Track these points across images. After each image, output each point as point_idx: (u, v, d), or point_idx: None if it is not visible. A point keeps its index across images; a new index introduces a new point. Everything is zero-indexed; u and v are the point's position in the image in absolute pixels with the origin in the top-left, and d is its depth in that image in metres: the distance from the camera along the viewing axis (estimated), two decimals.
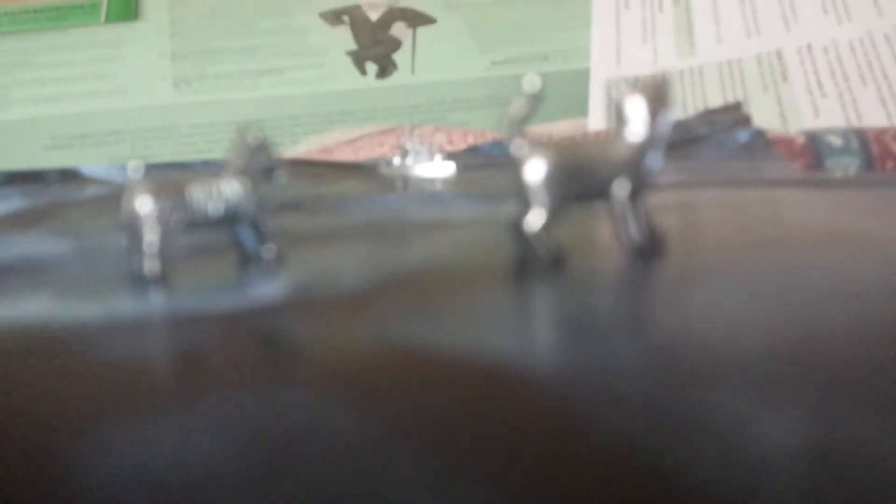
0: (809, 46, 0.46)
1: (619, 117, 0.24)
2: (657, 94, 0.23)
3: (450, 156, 0.46)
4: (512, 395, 0.15)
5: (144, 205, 0.23)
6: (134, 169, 0.23)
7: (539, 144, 0.23)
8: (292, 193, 0.35)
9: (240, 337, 0.19)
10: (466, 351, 0.17)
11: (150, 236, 0.23)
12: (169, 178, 0.24)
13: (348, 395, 0.15)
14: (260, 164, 0.25)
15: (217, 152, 0.53)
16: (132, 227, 0.23)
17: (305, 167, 0.44)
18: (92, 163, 0.51)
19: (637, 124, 0.23)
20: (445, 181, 0.42)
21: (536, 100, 0.23)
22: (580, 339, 0.18)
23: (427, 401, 0.15)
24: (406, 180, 0.43)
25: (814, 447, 0.12)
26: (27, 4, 0.60)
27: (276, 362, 0.18)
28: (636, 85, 0.23)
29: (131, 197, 0.23)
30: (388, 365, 0.17)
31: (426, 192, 0.39)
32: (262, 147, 0.25)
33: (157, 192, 0.23)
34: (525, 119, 0.23)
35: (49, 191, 0.39)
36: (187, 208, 0.24)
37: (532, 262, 0.23)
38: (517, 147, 0.23)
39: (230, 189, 0.24)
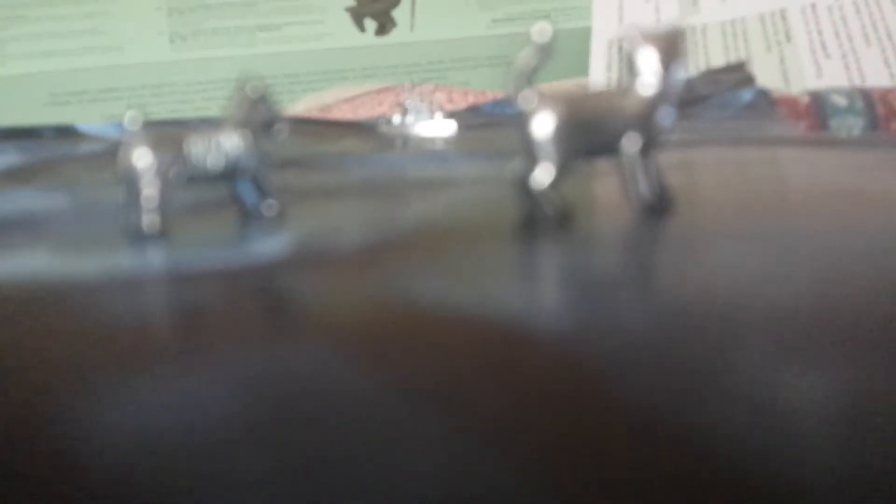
0: (813, 6, 0.46)
1: (629, 69, 0.23)
2: (670, 45, 0.23)
3: (450, 115, 0.45)
4: (522, 351, 0.15)
5: (142, 158, 0.23)
6: (131, 121, 0.23)
7: (547, 98, 0.23)
8: (292, 151, 0.35)
9: (243, 293, 0.19)
10: (474, 307, 0.17)
11: (149, 190, 0.23)
12: (166, 131, 0.24)
13: (354, 351, 0.15)
14: (260, 117, 0.25)
15: (214, 109, 0.53)
16: (130, 182, 0.23)
17: (305, 125, 0.44)
18: (89, 119, 0.50)
19: (649, 76, 0.23)
20: (446, 140, 0.42)
21: (546, 51, 0.23)
22: (592, 296, 0.17)
23: (434, 357, 0.14)
24: (406, 139, 0.43)
25: (829, 401, 0.12)
26: None
27: (281, 318, 0.17)
28: (650, 34, 0.23)
29: (129, 150, 0.23)
30: (395, 320, 0.16)
31: (428, 151, 0.39)
32: (262, 100, 0.25)
33: (156, 146, 0.23)
34: (533, 71, 0.23)
35: (45, 147, 0.38)
36: (186, 162, 0.23)
37: (539, 219, 0.23)
38: (525, 100, 0.23)
39: (230, 143, 0.24)
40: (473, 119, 0.46)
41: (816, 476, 0.10)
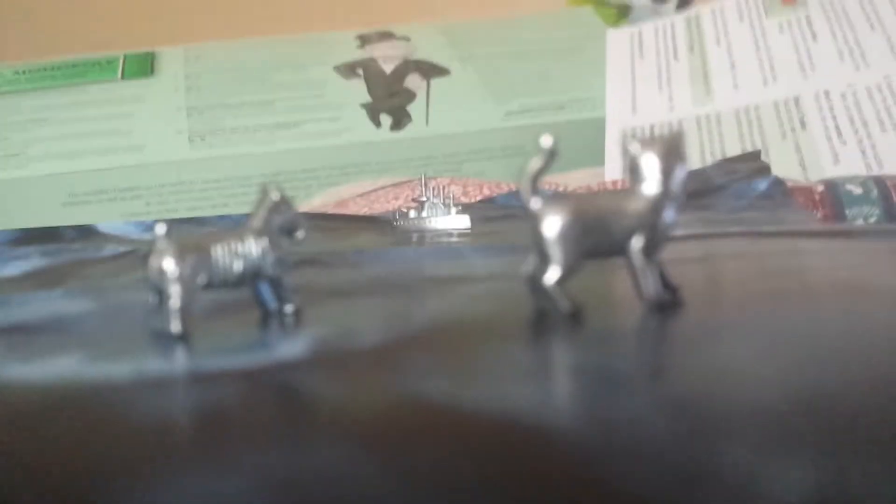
0: (827, 93, 0.46)
1: (633, 173, 0.23)
2: (671, 148, 0.23)
3: (465, 207, 0.46)
4: (532, 447, 0.15)
5: (170, 265, 0.23)
6: (159, 229, 0.23)
7: (555, 200, 0.23)
8: (309, 247, 0.35)
9: (266, 392, 0.19)
10: (488, 404, 0.17)
11: (176, 295, 0.23)
12: (192, 237, 0.24)
13: (372, 447, 0.15)
14: (281, 221, 0.25)
15: (232, 206, 0.54)
16: (158, 287, 0.23)
17: (322, 220, 0.45)
18: (108, 218, 0.51)
19: (652, 180, 0.23)
20: (462, 233, 0.42)
21: (552, 155, 0.23)
22: (599, 393, 0.17)
23: (450, 453, 0.14)
24: (422, 233, 0.43)
25: (828, 499, 0.12)
26: (46, 62, 0.61)
27: (302, 416, 0.18)
28: (650, 140, 0.23)
29: (157, 257, 0.23)
30: (411, 417, 0.16)
31: (443, 246, 0.39)
32: (283, 204, 0.25)
33: (183, 253, 0.23)
34: (541, 174, 0.23)
35: (68, 249, 0.39)
36: (211, 268, 0.24)
37: (550, 317, 0.23)
38: (534, 203, 0.23)
39: (252, 248, 0.24)
40: (488, 211, 0.46)
41: None
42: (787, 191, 0.39)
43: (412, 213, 0.45)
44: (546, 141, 0.23)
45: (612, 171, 0.51)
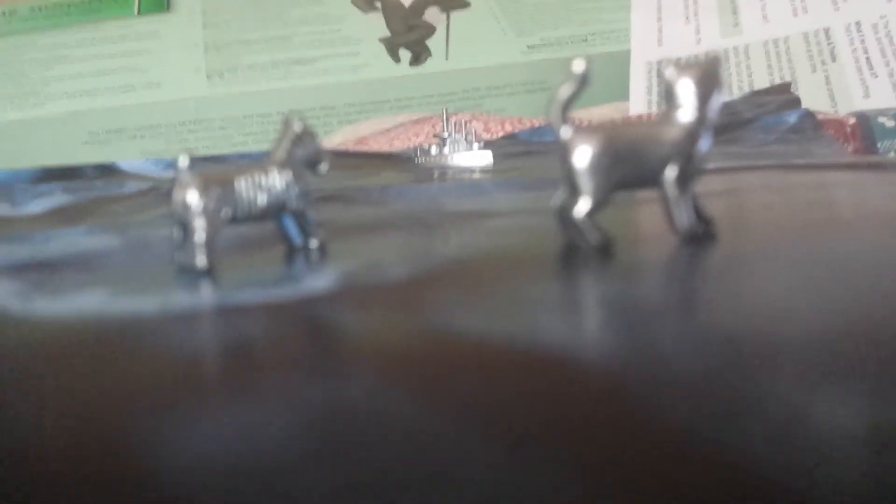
0: (858, 24, 0.45)
1: (668, 99, 0.23)
2: (708, 74, 0.23)
3: (487, 144, 0.45)
4: (567, 380, 0.14)
5: (194, 198, 0.23)
6: (182, 162, 0.23)
7: (586, 129, 0.23)
8: (331, 184, 0.35)
9: (294, 326, 0.19)
10: (519, 338, 0.17)
11: (200, 228, 0.23)
12: (216, 171, 0.24)
13: (405, 381, 0.15)
14: (304, 154, 0.25)
15: (251, 143, 0.53)
16: (182, 220, 0.23)
17: (343, 158, 0.44)
18: (128, 156, 0.51)
19: (688, 107, 0.23)
20: (484, 169, 0.41)
21: (583, 83, 0.23)
22: (635, 325, 0.17)
23: (481, 383, 0.14)
24: (444, 170, 0.43)
25: (876, 428, 0.12)
26: None
27: (331, 349, 0.18)
28: (686, 65, 0.22)
29: (181, 190, 0.23)
30: (443, 351, 0.16)
31: (466, 182, 0.39)
32: (306, 136, 0.25)
33: (206, 186, 0.23)
34: (571, 102, 0.23)
35: (90, 186, 0.39)
36: (235, 201, 0.23)
37: (580, 250, 0.23)
38: (564, 132, 0.23)
39: (276, 181, 0.24)
40: (511, 148, 0.46)
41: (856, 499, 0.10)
42: (818, 124, 0.38)
43: (434, 150, 0.44)
44: (578, 66, 0.22)
45: (638, 105, 0.50)
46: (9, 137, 0.51)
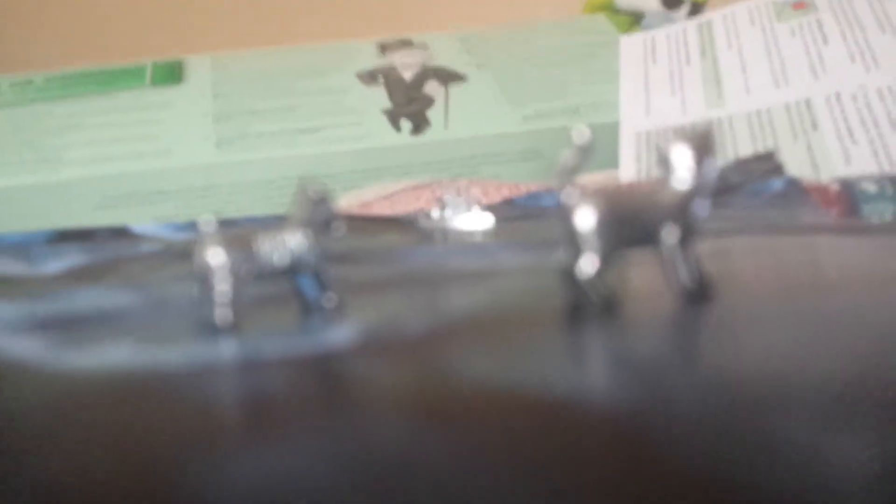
0: (838, 95, 0.47)
1: (664, 165, 0.24)
2: (702, 142, 0.24)
3: (486, 208, 0.47)
4: (589, 427, 0.15)
5: (216, 257, 0.24)
6: (205, 223, 0.24)
7: (589, 192, 0.24)
8: (338, 246, 0.36)
9: (319, 377, 0.20)
10: (540, 387, 0.17)
11: (222, 286, 0.24)
12: (236, 231, 0.25)
13: (430, 429, 0.16)
14: (321, 216, 0.26)
15: (258, 208, 0.55)
16: (204, 278, 0.24)
17: (346, 221, 0.45)
18: (139, 221, 0.53)
19: (683, 172, 0.24)
20: (485, 232, 0.43)
21: (586, 151, 0.24)
22: (647, 375, 0.18)
23: (498, 429, 0.15)
24: (446, 232, 0.44)
25: (877, 465, 0.13)
26: (76, 70, 0.62)
27: (357, 399, 0.18)
28: (682, 133, 0.24)
29: (204, 249, 0.24)
30: (466, 399, 0.17)
31: (469, 243, 0.40)
32: (322, 200, 0.26)
33: (228, 245, 0.24)
34: (575, 169, 0.24)
35: (105, 247, 0.40)
36: (256, 260, 0.25)
37: (585, 307, 0.24)
38: (568, 195, 0.24)
39: (295, 241, 0.25)
40: (509, 212, 0.47)
41: None
42: (803, 189, 0.40)
43: (435, 213, 0.46)
44: (580, 136, 0.24)
45: (628, 172, 0.52)
46: (23, 202, 0.52)
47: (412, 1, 1.02)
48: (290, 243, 0.25)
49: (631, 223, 0.24)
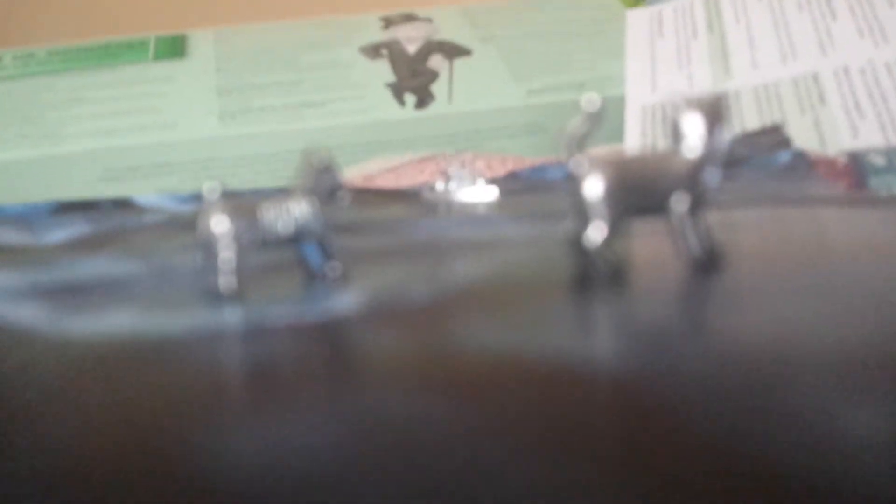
0: (846, 69, 0.47)
1: (675, 133, 0.24)
2: (713, 110, 0.24)
3: (491, 181, 0.47)
4: (602, 394, 0.15)
5: (220, 224, 0.24)
6: (209, 190, 0.24)
7: (598, 161, 0.24)
8: (344, 217, 0.36)
9: (326, 343, 0.20)
10: (550, 354, 0.17)
11: (226, 254, 0.24)
12: (241, 199, 0.25)
13: (441, 396, 0.16)
14: (325, 185, 0.26)
15: (262, 181, 0.55)
16: (208, 246, 0.24)
17: (352, 193, 0.45)
18: (142, 193, 0.52)
19: (694, 140, 0.24)
20: (490, 205, 0.43)
21: (595, 118, 0.24)
22: (660, 343, 0.18)
23: (507, 397, 0.15)
24: (451, 204, 0.44)
25: (881, 427, 0.13)
26: (79, 43, 0.62)
27: (364, 366, 0.18)
28: (693, 100, 0.24)
29: (208, 217, 0.24)
30: (477, 365, 0.17)
31: (474, 215, 0.40)
32: (327, 169, 0.26)
33: (232, 213, 0.24)
34: (584, 137, 0.24)
35: (109, 217, 0.40)
36: (260, 227, 0.25)
37: (593, 276, 0.24)
38: (576, 164, 0.24)
39: (299, 209, 0.25)
40: (513, 185, 0.47)
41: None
42: (810, 162, 0.40)
43: (439, 186, 0.46)
44: (590, 103, 0.24)
45: (633, 147, 0.52)
46: (25, 175, 0.52)
47: None
48: (294, 211, 0.25)
49: (640, 192, 0.24)
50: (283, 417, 0.15)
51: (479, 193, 0.45)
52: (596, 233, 0.24)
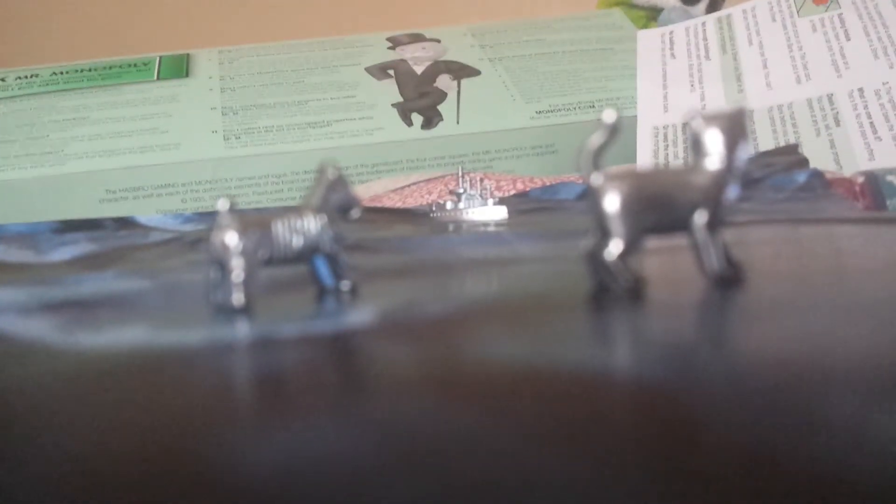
0: (861, 90, 0.47)
1: (696, 149, 0.24)
2: (734, 125, 0.24)
3: (500, 201, 0.46)
4: (625, 403, 0.15)
5: (232, 239, 0.23)
6: (222, 206, 0.24)
7: (617, 175, 0.23)
8: (352, 234, 0.36)
9: (339, 357, 0.19)
10: (566, 366, 0.17)
11: (237, 269, 0.23)
12: (253, 215, 0.25)
13: (455, 408, 0.15)
14: (337, 200, 0.26)
15: (266, 203, 0.54)
16: (220, 261, 0.24)
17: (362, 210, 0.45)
18: (145, 213, 0.52)
19: (715, 155, 0.23)
20: (500, 223, 0.42)
21: (613, 132, 0.24)
22: (677, 355, 0.18)
23: (534, 412, 0.15)
24: (460, 223, 0.43)
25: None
26: (83, 63, 0.62)
27: (379, 378, 0.18)
28: (713, 115, 0.23)
29: (220, 232, 0.24)
30: (491, 377, 0.17)
31: (486, 232, 0.39)
32: (339, 183, 0.26)
33: (244, 228, 0.24)
34: (601, 151, 0.24)
35: (113, 236, 0.39)
36: (272, 243, 0.24)
37: (610, 291, 0.23)
38: (595, 178, 0.23)
39: (310, 225, 0.25)
40: (523, 205, 0.47)
41: None
42: (827, 182, 0.39)
43: (449, 205, 0.45)
44: (608, 116, 0.23)
45: (644, 167, 0.51)
46: (28, 194, 0.52)
47: None
48: (306, 226, 0.25)
49: (660, 207, 0.23)
50: (296, 430, 0.14)
51: (489, 212, 0.44)
52: (615, 248, 0.23)
